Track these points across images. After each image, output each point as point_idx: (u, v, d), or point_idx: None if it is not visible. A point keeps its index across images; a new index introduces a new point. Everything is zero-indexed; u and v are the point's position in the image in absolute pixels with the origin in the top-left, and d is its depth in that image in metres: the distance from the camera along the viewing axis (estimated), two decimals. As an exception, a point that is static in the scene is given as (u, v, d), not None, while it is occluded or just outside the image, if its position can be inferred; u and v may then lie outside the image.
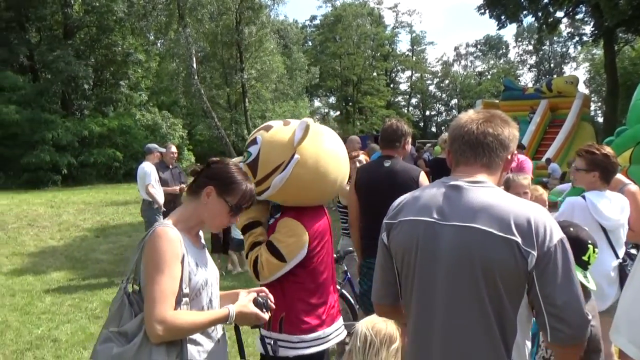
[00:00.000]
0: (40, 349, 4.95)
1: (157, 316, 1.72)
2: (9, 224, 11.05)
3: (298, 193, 2.48)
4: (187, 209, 1.97)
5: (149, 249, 1.80)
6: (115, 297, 1.88)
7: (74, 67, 24.02)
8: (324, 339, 2.52)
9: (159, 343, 1.75)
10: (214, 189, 1.92)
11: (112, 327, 1.80)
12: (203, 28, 28.62)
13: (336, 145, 2.55)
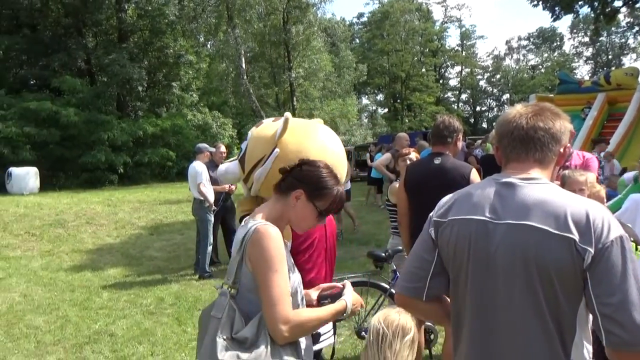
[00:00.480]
0: (98, 343, 5.11)
1: (281, 317, 1.70)
2: (68, 222, 11.49)
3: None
4: (276, 207, 1.92)
5: (257, 249, 1.76)
6: (218, 303, 1.82)
7: (129, 69, 24.75)
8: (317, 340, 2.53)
9: (284, 344, 1.75)
10: (304, 192, 1.88)
11: (225, 334, 1.73)
12: (251, 28, 28.98)
13: (325, 142, 2.43)
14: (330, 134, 2.56)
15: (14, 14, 27.36)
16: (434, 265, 1.67)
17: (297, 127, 2.40)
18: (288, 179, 1.93)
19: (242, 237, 1.82)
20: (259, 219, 1.85)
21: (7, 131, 20.48)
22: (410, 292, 1.71)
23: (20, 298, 6.69)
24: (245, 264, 1.79)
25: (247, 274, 1.79)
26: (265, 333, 1.73)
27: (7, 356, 4.86)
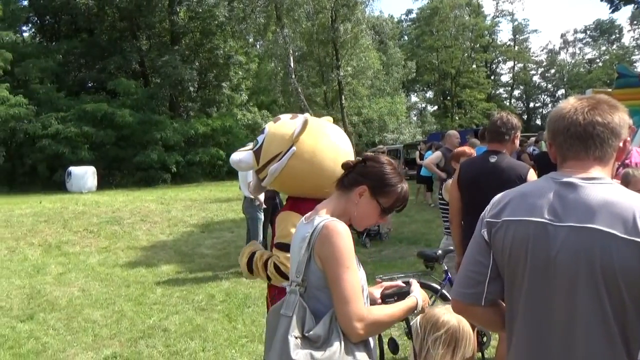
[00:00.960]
0: (152, 337, 5.23)
1: (355, 315, 1.68)
2: (124, 219, 11.84)
3: (294, 183, 2.61)
4: (339, 203, 1.90)
5: (327, 246, 1.73)
6: (287, 301, 1.79)
7: (180, 71, 25.36)
8: None
9: (358, 342, 1.73)
10: (368, 189, 1.86)
11: (296, 333, 1.70)
12: (300, 27, 29.10)
13: (337, 143, 2.60)
14: (341, 134, 2.71)
15: (72, 19, 28.53)
16: (491, 269, 1.59)
17: (313, 127, 2.54)
18: (351, 175, 1.90)
19: (308, 234, 1.79)
20: (325, 215, 1.82)
21: (67, 132, 21.37)
22: (468, 298, 1.63)
23: (79, 292, 6.93)
24: (313, 261, 1.76)
25: (316, 271, 1.76)
26: (338, 331, 1.70)
27: (67, 348, 5.04)
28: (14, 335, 5.45)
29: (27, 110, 21.97)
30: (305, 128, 2.49)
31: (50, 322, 5.82)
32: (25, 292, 7.03)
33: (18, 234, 10.62)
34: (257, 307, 6.01)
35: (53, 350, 5.02)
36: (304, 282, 1.78)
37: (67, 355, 4.90)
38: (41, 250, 9.65)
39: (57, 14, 29.18)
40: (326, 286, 1.75)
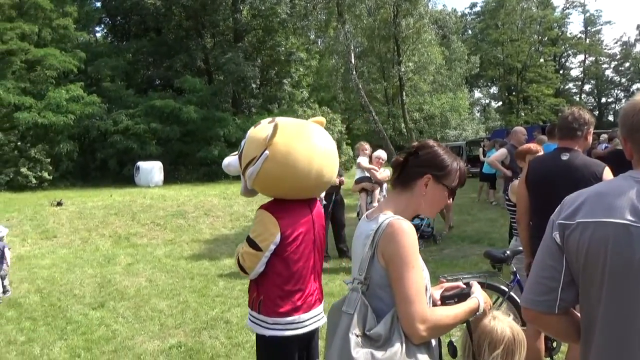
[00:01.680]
0: (214, 329, 5.37)
1: (418, 316, 1.65)
2: (189, 213, 12.20)
3: (271, 185, 2.69)
4: (401, 201, 1.86)
5: (392, 244, 1.70)
6: (349, 298, 1.77)
7: (243, 68, 25.81)
8: (299, 324, 2.68)
9: (420, 344, 1.71)
10: (431, 177, 1.83)
11: (357, 331, 1.69)
12: (361, 23, 29.04)
13: (312, 146, 2.64)
14: (320, 134, 2.75)
15: (141, 19, 29.59)
16: (564, 275, 1.50)
17: (287, 129, 2.63)
18: (408, 170, 1.86)
19: (372, 232, 1.76)
20: (390, 213, 1.79)
21: (136, 128, 22.22)
22: (541, 306, 1.55)
23: (146, 283, 7.21)
24: (377, 259, 1.73)
25: (379, 270, 1.73)
26: (399, 331, 1.68)
27: (135, 336, 5.25)
28: (86, 321, 5.73)
29: (100, 108, 23.00)
30: (276, 132, 2.55)
31: (120, 310, 6.08)
32: (96, 281, 7.38)
33: (90, 225, 11.15)
34: (316, 303, 6.04)
35: (122, 337, 5.24)
36: (367, 280, 1.75)
37: (135, 342, 5.10)
38: (111, 241, 10.10)
39: (127, 15, 30.35)
40: (388, 285, 1.72)
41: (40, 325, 5.65)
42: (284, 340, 2.68)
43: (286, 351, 2.72)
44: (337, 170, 2.90)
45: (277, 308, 2.66)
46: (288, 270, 2.67)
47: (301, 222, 2.69)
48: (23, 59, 22.39)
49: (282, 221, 2.62)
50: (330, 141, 2.80)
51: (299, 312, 2.69)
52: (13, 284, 7.22)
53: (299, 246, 2.68)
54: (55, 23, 23.82)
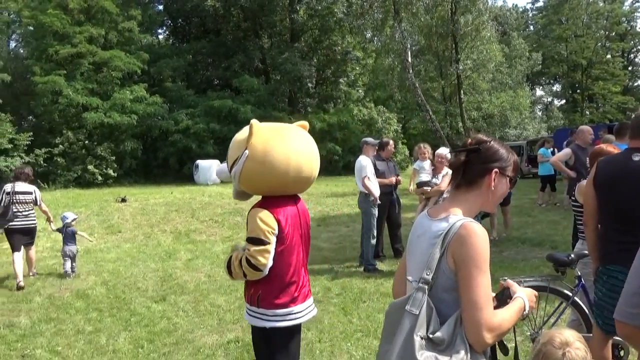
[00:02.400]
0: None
1: (486, 323, 1.60)
2: (246, 211, 12.15)
3: (254, 183, 2.85)
4: (468, 200, 1.82)
5: (466, 247, 1.64)
6: (414, 298, 1.70)
7: (300, 67, 26.05)
8: (296, 315, 2.85)
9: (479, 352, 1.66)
10: (498, 170, 1.80)
11: (421, 333, 1.64)
12: (418, 21, 28.64)
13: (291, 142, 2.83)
14: (298, 135, 2.92)
15: (201, 21, 30.39)
16: None
17: (265, 131, 2.82)
18: (472, 168, 1.81)
19: (442, 233, 1.71)
20: (459, 214, 1.76)
21: (196, 127, 22.85)
22: (638, 319, 1.46)
23: (205, 278, 7.39)
24: (445, 261, 1.68)
25: (447, 272, 1.68)
26: (462, 337, 1.63)
27: (195, 329, 5.39)
28: (149, 314, 5.94)
29: (161, 108, 23.77)
30: (252, 132, 2.74)
31: (180, 304, 6.26)
32: (158, 275, 7.63)
33: (152, 221, 11.54)
34: (372, 302, 6.02)
35: (182, 330, 5.40)
36: (433, 280, 1.70)
37: (194, 336, 5.24)
38: (172, 237, 10.42)
39: (188, 17, 31.24)
40: (454, 288, 1.67)
41: (106, 317, 5.90)
42: (284, 330, 2.83)
43: (286, 341, 2.89)
44: (317, 167, 3.02)
45: (276, 300, 2.80)
46: (284, 264, 2.81)
47: (291, 215, 2.84)
48: (91, 61, 23.43)
49: (276, 215, 2.76)
50: (309, 141, 2.97)
51: (296, 303, 2.85)
52: (81, 276, 7.58)
53: (292, 239, 2.83)
54: (121, 26, 24.79)
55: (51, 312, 6.06)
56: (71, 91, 22.18)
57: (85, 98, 22.44)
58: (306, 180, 2.95)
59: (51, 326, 5.60)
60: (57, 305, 6.32)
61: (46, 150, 21.52)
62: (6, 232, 7.34)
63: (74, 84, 22.62)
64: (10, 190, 7.33)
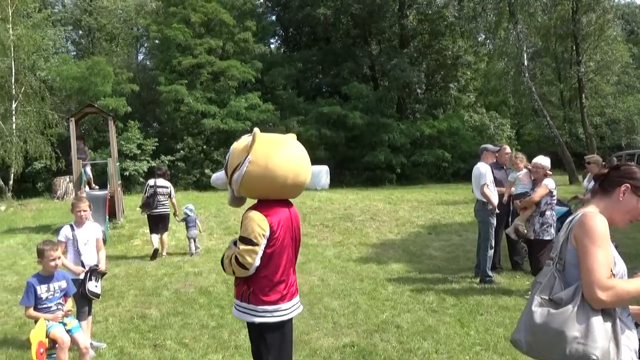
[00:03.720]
0: (385, 332, 5.41)
1: (597, 282, 1.95)
2: (355, 216, 12.50)
3: (255, 188, 3.02)
4: (599, 204, 2.19)
5: (583, 227, 2.05)
6: (543, 271, 2.20)
7: (409, 73, 25.80)
8: (284, 311, 3.07)
9: (597, 309, 1.98)
10: (630, 186, 2.15)
11: (543, 295, 2.09)
12: (535, 22, 27.29)
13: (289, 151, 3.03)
14: (295, 144, 3.15)
15: (312, 30, 31.13)
16: None
17: (265, 139, 3.03)
18: (609, 179, 2.21)
19: (569, 222, 2.16)
20: (590, 209, 2.16)
21: (307, 134, 23.38)
22: None
23: (318, 282, 7.52)
24: (570, 242, 2.09)
25: (572, 250, 2.08)
26: (580, 297, 1.99)
27: (310, 332, 5.50)
28: (267, 314, 6.14)
29: (274, 116, 24.62)
30: (256, 138, 2.95)
31: (296, 306, 6.41)
32: (274, 276, 7.87)
33: (266, 224, 11.94)
34: (490, 316, 5.80)
35: (299, 331, 5.52)
36: (561, 259, 2.13)
37: (310, 338, 5.34)
38: (285, 240, 10.71)
39: (299, 26, 32.12)
40: (578, 264, 2.04)
41: (227, 313, 6.18)
42: (272, 325, 3.06)
43: (273, 335, 3.10)
44: (309, 174, 3.17)
45: (265, 298, 3.02)
46: (274, 264, 3.02)
47: (284, 219, 3.05)
48: (209, 71, 24.81)
49: (269, 218, 2.96)
50: (302, 150, 3.17)
51: (284, 301, 3.08)
52: (203, 274, 8.02)
53: (283, 241, 3.03)
54: (237, 37, 26.01)
55: (178, 306, 6.47)
56: (191, 99, 23.61)
57: (204, 106, 23.78)
58: (301, 185, 3.15)
59: (178, 319, 5.98)
60: (183, 300, 6.73)
61: (170, 155, 23.07)
62: (148, 217, 9.39)
63: (194, 92, 24.06)
64: (154, 184, 9.31)
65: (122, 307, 6.57)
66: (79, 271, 4.99)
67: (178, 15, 25.08)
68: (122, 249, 10.03)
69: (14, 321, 6.16)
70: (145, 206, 9.35)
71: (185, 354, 4.94)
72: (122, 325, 5.91)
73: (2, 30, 18.03)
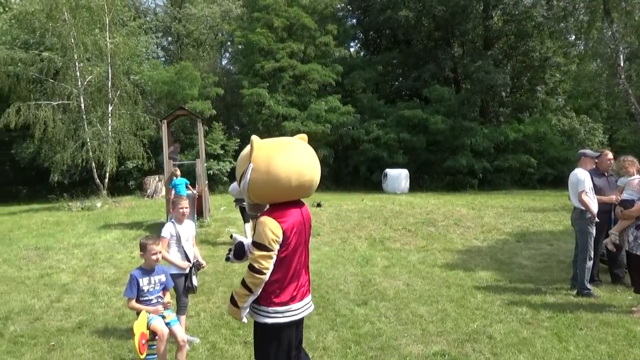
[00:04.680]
0: (477, 342, 5.23)
1: None
2: (438, 221, 12.22)
3: (262, 193, 3.15)
4: None
5: None
6: None
7: (493, 75, 24.96)
8: (295, 311, 3.19)
9: None
10: None
11: None
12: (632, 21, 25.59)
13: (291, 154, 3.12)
14: (298, 145, 3.22)
15: (392, 33, 30.90)
16: None
17: (265, 144, 3.14)
18: None
19: None
20: None
21: (386, 137, 23.24)
22: None
23: (404, 286, 7.41)
24: None
25: None
26: None
27: (398, 337, 5.41)
28: (353, 316, 6.12)
29: (353, 118, 24.63)
30: (253, 146, 3.08)
31: (382, 310, 6.35)
32: (358, 279, 7.85)
33: (347, 227, 11.94)
34: (590, 331, 5.47)
35: (386, 336, 5.45)
36: None
37: (399, 343, 5.25)
38: (367, 243, 10.66)
39: (379, 29, 31.95)
40: None
41: (313, 315, 6.19)
42: (283, 326, 3.18)
43: (284, 335, 3.22)
44: (318, 173, 3.27)
45: (277, 299, 3.15)
46: (286, 266, 3.14)
47: (296, 222, 3.17)
48: (291, 74, 25.17)
49: (283, 224, 3.08)
50: (308, 150, 3.26)
51: (295, 301, 3.20)
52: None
53: (296, 244, 3.15)
54: (318, 41, 26.23)
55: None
56: (273, 102, 24.06)
57: (285, 109, 24.16)
58: (309, 186, 3.23)
59: (267, 318, 6.07)
60: (270, 300, 6.83)
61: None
62: (240, 209, 10.09)
63: (275, 95, 24.50)
64: None
65: (212, 303, 6.77)
66: (185, 266, 5.20)
67: (262, 21, 25.64)
68: (209, 247, 10.36)
69: (114, 311, 6.50)
70: (237, 201, 10.09)
71: (274, 352, 4.99)
72: (213, 320, 6.08)
73: (101, 38, 19.16)
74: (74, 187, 20.72)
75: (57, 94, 19.00)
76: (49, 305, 6.79)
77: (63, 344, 5.42)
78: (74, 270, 8.64)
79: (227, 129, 25.68)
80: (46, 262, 9.20)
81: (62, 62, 18.98)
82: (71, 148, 18.75)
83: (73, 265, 8.96)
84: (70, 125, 19.07)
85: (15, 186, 28.42)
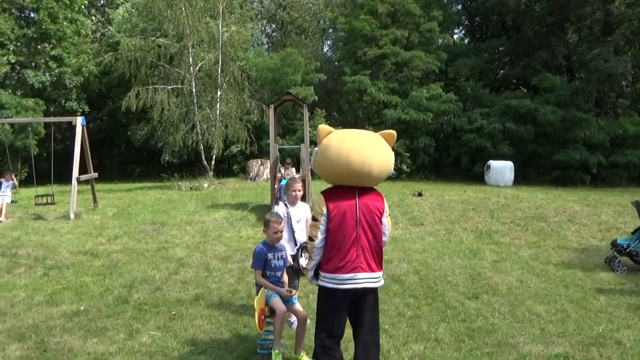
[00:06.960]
0: (604, 347, 4.89)
1: None
2: (549, 217, 11.54)
3: (320, 170, 3.80)
4: None
5: None
6: None
7: (613, 64, 23.13)
8: (341, 281, 3.63)
9: None
10: None
11: None
12: None
13: (342, 142, 3.66)
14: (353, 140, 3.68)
15: (501, 18, 29.51)
16: None
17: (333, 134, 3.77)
18: None
19: None
20: None
21: (490, 127, 22.32)
22: None
23: (517, 283, 7.07)
24: None
25: None
26: None
27: (515, 335, 5.17)
28: (464, 309, 5.93)
29: (456, 107, 23.87)
30: (319, 133, 3.76)
31: (495, 305, 6.10)
32: (467, 272, 7.59)
33: (452, 217, 11.60)
34: None
35: (502, 333, 5.23)
36: None
37: (516, 341, 5.01)
38: (474, 235, 10.30)
39: (487, 15, 30.62)
40: None
41: (422, 305, 6.09)
42: (330, 290, 3.67)
43: (334, 299, 3.69)
44: (373, 165, 3.59)
45: (325, 266, 3.69)
46: (332, 239, 3.64)
47: (344, 204, 3.64)
48: (393, 62, 24.79)
49: (328, 201, 3.66)
50: (367, 142, 3.69)
51: (341, 272, 3.62)
52: (393, 262, 8.01)
53: (341, 221, 3.62)
54: (423, 27, 25.59)
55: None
56: (374, 89, 23.83)
57: (386, 96, 23.85)
58: (360, 175, 3.61)
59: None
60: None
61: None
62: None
63: (377, 82, 24.24)
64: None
65: (320, 286, 6.82)
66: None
67: (365, 7, 25.43)
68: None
69: (227, 287, 6.75)
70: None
71: (385, 339, 4.94)
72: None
73: (214, 26, 19.92)
74: (182, 167, 21.82)
75: (172, 79, 20.04)
76: (168, 277, 7.17)
77: (182, 314, 5.70)
78: (188, 246, 9.08)
79: (327, 117, 25.83)
80: (162, 237, 9.74)
81: (176, 49, 19.96)
82: (183, 130, 19.75)
83: (186, 241, 9.42)
84: (182, 108, 20.05)
85: (130, 165, 30.54)
